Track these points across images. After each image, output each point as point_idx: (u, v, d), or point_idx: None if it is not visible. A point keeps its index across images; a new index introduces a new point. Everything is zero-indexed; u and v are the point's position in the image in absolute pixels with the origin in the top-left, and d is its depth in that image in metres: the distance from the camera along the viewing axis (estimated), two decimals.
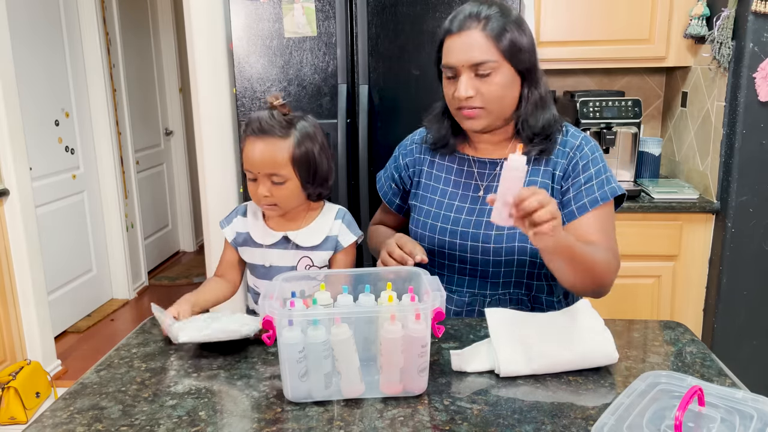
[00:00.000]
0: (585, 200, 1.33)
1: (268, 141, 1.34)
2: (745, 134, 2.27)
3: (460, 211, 1.41)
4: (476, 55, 1.26)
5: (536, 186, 1.30)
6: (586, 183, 1.34)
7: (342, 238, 1.44)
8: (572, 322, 1.16)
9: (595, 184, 1.34)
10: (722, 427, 0.88)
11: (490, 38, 1.26)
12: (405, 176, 1.54)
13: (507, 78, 1.29)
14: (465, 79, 1.28)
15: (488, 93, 1.28)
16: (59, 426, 1.00)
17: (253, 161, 1.35)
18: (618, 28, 2.50)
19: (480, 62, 1.26)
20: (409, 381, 1.05)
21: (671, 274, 2.45)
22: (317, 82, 2.28)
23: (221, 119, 2.55)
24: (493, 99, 1.29)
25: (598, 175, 1.35)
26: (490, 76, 1.27)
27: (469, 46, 1.27)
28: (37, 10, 3.35)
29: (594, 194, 1.33)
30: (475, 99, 1.29)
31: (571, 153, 1.36)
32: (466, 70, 1.28)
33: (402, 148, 1.57)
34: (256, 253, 1.45)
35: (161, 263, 4.86)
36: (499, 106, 1.31)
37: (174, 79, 4.94)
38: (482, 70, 1.27)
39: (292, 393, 1.05)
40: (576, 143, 1.37)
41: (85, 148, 3.83)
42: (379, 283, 1.18)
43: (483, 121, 1.32)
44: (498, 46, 1.26)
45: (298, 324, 1.02)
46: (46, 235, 3.39)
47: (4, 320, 2.85)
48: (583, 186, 1.34)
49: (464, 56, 1.27)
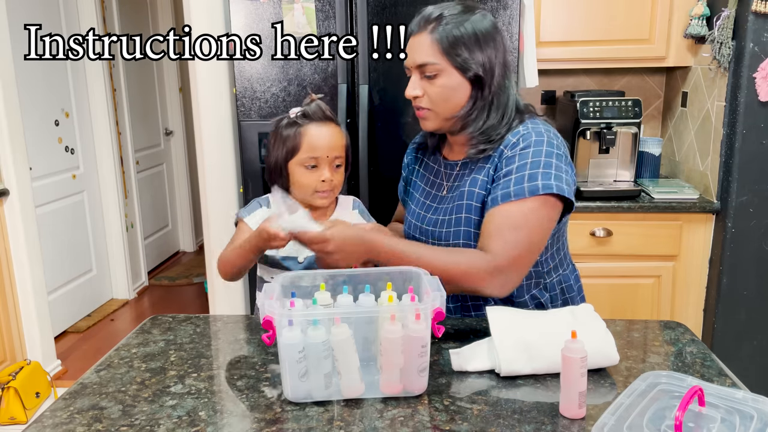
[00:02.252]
0: (498, 194, 1.28)
1: (331, 126, 1.43)
2: (745, 134, 2.27)
3: (428, 209, 1.46)
4: (421, 57, 1.30)
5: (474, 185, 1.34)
6: (505, 177, 1.29)
7: None
8: (573, 323, 1.16)
9: (514, 178, 1.27)
10: (722, 427, 0.88)
11: (435, 42, 1.29)
12: (405, 173, 1.62)
13: (452, 81, 1.31)
14: (414, 79, 1.34)
15: (433, 94, 1.32)
16: (59, 426, 1.00)
17: (322, 145, 1.41)
18: (618, 28, 2.50)
19: (423, 64, 1.30)
20: (409, 381, 1.05)
21: (671, 274, 2.45)
22: (317, 82, 2.28)
23: (221, 119, 2.56)
24: (438, 101, 1.32)
25: (521, 170, 1.28)
26: (435, 78, 1.31)
27: (417, 47, 1.31)
28: (37, 10, 3.35)
29: (508, 189, 1.27)
30: (422, 99, 1.34)
31: (507, 150, 1.32)
32: (415, 70, 1.33)
33: (410, 146, 1.63)
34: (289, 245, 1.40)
35: (161, 263, 4.86)
36: (444, 108, 1.33)
37: (174, 79, 4.94)
38: (427, 72, 1.31)
39: (292, 393, 1.05)
40: (513, 140, 1.32)
41: (85, 148, 3.83)
42: (379, 283, 1.18)
43: (432, 122, 1.36)
44: (442, 50, 1.29)
45: (298, 324, 1.02)
46: (46, 235, 3.39)
47: (4, 320, 2.85)
48: (502, 180, 1.29)
49: (411, 57, 1.33)
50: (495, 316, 1.18)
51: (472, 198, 1.34)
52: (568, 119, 2.57)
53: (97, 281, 4.00)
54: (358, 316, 1.08)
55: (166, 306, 4.07)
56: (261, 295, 1.08)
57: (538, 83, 2.43)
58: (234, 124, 2.57)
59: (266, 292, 1.09)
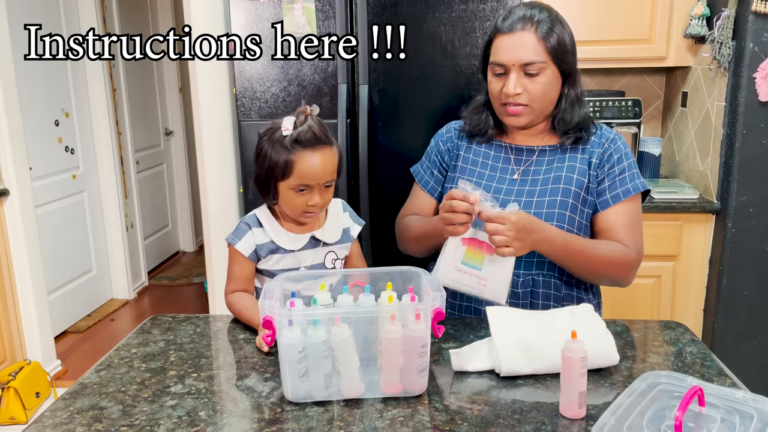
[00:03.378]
0: (619, 190, 1.42)
1: (323, 150, 1.35)
2: (745, 134, 2.26)
3: (500, 191, 1.45)
4: (527, 56, 1.35)
5: (573, 169, 1.43)
6: (620, 174, 1.43)
7: (353, 230, 1.51)
8: (573, 323, 1.16)
9: (627, 176, 1.43)
10: (722, 427, 0.88)
11: (540, 40, 1.35)
12: (446, 160, 1.57)
13: (552, 78, 1.38)
14: (514, 77, 1.37)
15: (534, 91, 1.37)
16: (59, 426, 1.00)
17: (315, 173, 1.33)
18: (618, 28, 2.50)
19: (530, 62, 1.35)
20: (409, 381, 1.05)
21: (671, 274, 2.45)
22: (317, 82, 2.28)
23: (221, 119, 2.55)
24: (538, 97, 1.38)
25: (630, 168, 1.44)
26: (537, 76, 1.36)
27: (521, 46, 1.36)
28: (37, 10, 3.35)
29: (626, 185, 1.42)
30: (522, 96, 1.38)
31: (606, 144, 1.45)
32: (516, 68, 1.37)
33: (440, 136, 1.61)
34: (287, 259, 1.43)
35: (161, 263, 4.86)
36: (541, 104, 1.40)
37: (174, 79, 4.94)
38: (531, 70, 1.36)
39: (292, 393, 1.05)
40: (611, 137, 1.47)
41: (85, 148, 3.83)
42: (379, 283, 1.18)
43: (526, 118, 1.41)
44: (547, 48, 1.35)
45: (298, 324, 1.02)
46: (46, 235, 3.39)
47: (4, 320, 2.85)
48: (618, 177, 1.43)
49: (516, 55, 1.36)
50: (495, 316, 1.18)
51: (570, 183, 1.41)
52: None
53: (97, 281, 4.00)
54: (358, 316, 1.08)
55: (166, 306, 4.07)
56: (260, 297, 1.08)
57: None
58: (234, 124, 2.57)
59: (266, 292, 1.09)
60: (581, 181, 1.42)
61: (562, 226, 1.39)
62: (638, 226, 1.44)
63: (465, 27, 2.19)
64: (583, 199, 1.42)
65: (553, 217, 1.39)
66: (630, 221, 1.42)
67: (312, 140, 1.33)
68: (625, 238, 1.41)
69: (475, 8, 2.18)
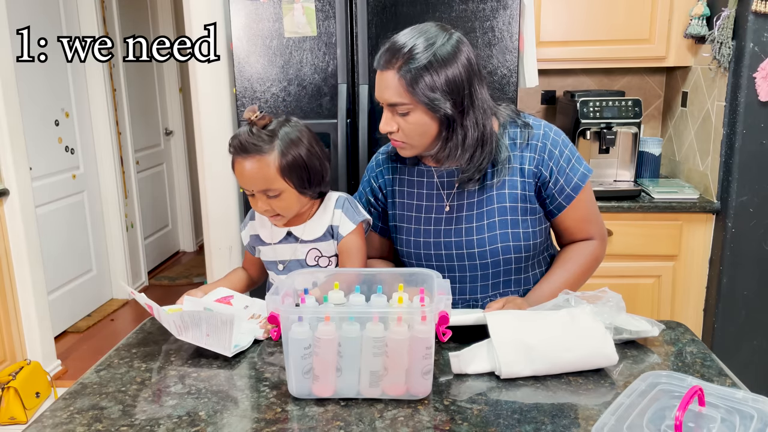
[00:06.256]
0: (568, 190, 1.38)
1: (253, 159, 1.32)
2: (745, 134, 2.26)
3: (437, 222, 1.41)
4: (391, 96, 1.26)
5: (513, 187, 1.37)
6: (565, 169, 1.37)
7: (342, 228, 1.43)
8: (572, 323, 1.16)
9: (570, 169, 1.37)
10: (722, 427, 0.88)
11: (402, 82, 1.23)
12: (380, 197, 1.52)
13: (423, 118, 1.26)
14: (386, 114, 1.29)
15: (408, 130, 1.28)
16: (59, 426, 1.00)
17: (244, 181, 1.35)
18: (618, 28, 2.50)
19: (394, 103, 1.26)
20: (413, 383, 1.05)
21: (671, 274, 2.45)
22: (317, 82, 2.28)
23: (221, 119, 2.55)
24: (413, 135, 1.29)
25: (571, 156, 1.38)
26: (408, 115, 1.26)
27: (385, 86, 1.26)
28: (38, 11, 3.35)
29: (573, 180, 1.37)
30: (397, 134, 1.30)
31: (539, 143, 1.36)
32: (386, 106, 1.28)
33: (370, 171, 1.54)
34: (269, 251, 1.49)
35: (161, 263, 4.86)
36: (420, 142, 1.30)
37: (174, 79, 4.94)
38: (399, 111, 1.26)
39: (296, 389, 1.05)
40: (540, 132, 1.37)
41: (85, 148, 3.83)
42: (395, 283, 1.17)
43: (410, 151, 1.33)
44: (410, 91, 1.23)
45: (306, 320, 1.03)
46: (46, 235, 3.39)
47: (4, 320, 2.84)
48: (564, 173, 1.37)
49: (380, 95, 1.28)
50: (493, 319, 1.18)
51: (503, 200, 1.37)
52: (568, 119, 2.57)
53: (97, 281, 4.00)
54: (364, 316, 1.09)
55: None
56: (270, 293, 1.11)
57: (538, 83, 2.43)
58: (234, 124, 2.57)
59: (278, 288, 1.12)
60: (515, 195, 1.36)
61: (508, 246, 1.37)
62: (594, 209, 1.44)
63: (465, 27, 2.19)
64: (523, 209, 1.37)
65: (496, 241, 1.36)
66: (588, 212, 1.42)
67: (238, 148, 1.33)
68: (588, 229, 1.43)
69: (475, 8, 2.17)
